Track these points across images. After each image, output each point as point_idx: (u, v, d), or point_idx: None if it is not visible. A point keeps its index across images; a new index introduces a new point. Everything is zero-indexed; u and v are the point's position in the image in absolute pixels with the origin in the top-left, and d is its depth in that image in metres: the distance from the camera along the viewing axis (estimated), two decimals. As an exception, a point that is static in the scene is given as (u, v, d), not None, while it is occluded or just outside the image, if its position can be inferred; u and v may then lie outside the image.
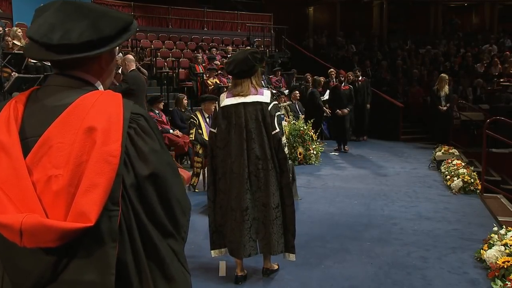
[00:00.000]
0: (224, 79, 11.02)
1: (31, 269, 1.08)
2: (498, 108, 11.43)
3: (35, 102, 1.19)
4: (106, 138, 1.09)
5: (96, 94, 1.17)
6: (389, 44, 17.66)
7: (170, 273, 1.21)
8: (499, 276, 3.48)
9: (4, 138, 1.11)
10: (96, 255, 1.09)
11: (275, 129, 3.35)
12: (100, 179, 1.06)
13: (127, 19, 1.24)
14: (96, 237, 1.08)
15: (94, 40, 1.15)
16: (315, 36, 18.59)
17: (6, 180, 1.08)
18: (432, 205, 5.77)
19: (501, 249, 3.72)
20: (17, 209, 1.06)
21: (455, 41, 17.45)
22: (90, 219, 1.04)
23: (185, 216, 1.27)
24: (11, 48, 7.96)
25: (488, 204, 5.74)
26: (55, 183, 1.07)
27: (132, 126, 1.16)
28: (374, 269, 3.84)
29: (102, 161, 1.07)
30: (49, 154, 1.09)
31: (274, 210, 3.36)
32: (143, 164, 1.16)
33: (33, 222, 1.02)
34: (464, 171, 6.62)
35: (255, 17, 17.06)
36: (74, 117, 1.11)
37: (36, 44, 1.16)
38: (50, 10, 1.18)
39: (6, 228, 1.03)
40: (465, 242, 4.44)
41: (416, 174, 7.66)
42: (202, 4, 16.87)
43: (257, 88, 3.39)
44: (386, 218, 5.22)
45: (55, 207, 1.07)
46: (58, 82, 1.21)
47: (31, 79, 7.03)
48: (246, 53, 3.36)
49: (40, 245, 1.05)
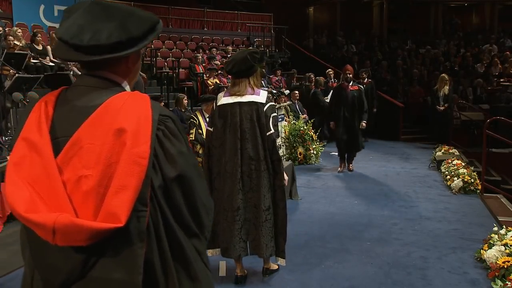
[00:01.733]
0: (224, 79, 11.01)
1: (61, 266, 1.11)
2: (498, 108, 11.44)
3: (65, 103, 1.21)
4: (136, 140, 1.11)
5: (125, 95, 1.19)
6: (389, 44, 17.66)
7: (194, 273, 1.24)
8: (499, 276, 3.48)
9: (35, 138, 1.14)
10: (124, 254, 1.11)
11: (270, 130, 3.33)
12: (130, 181, 1.08)
13: (153, 19, 1.25)
14: (124, 237, 1.10)
15: (123, 40, 1.16)
16: (315, 36, 18.58)
17: (38, 179, 1.10)
18: (432, 205, 5.77)
19: (501, 249, 3.72)
20: (48, 207, 1.08)
21: (455, 41, 17.45)
22: (120, 219, 1.07)
23: (208, 217, 1.29)
24: (13, 48, 7.96)
25: (488, 204, 5.74)
26: (85, 183, 1.10)
27: (161, 128, 1.17)
28: (374, 269, 3.84)
29: (132, 163, 1.09)
30: (80, 154, 1.12)
31: (264, 212, 3.34)
32: (171, 166, 1.18)
33: (65, 222, 1.05)
34: (464, 171, 6.62)
35: (255, 17, 17.06)
36: (104, 118, 1.13)
37: (65, 44, 1.17)
38: (79, 11, 1.19)
39: (39, 226, 1.06)
40: (465, 242, 4.44)
41: (416, 174, 7.66)
42: (202, 4, 16.87)
43: (254, 88, 3.37)
44: (386, 218, 5.22)
45: (84, 206, 1.09)
46: (86, 82, 1.22)
47: (31, 79, 7.03)
48: (246, 53, 3.35)
49: (71, 243, 1.08)
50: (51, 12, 12.77)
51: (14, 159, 1.14)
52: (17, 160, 1.14)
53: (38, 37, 9.35)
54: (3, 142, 5.02)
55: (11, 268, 3.69)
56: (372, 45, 17.30)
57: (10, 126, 6.60)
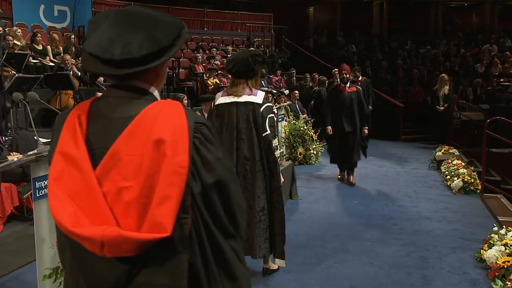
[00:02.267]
0: (224, 79, 11.01)
1: (107, 276, 1.14)
2: (498, 108, 11.43)
3: (99, 114, 1.21)
4: (175, 149, 1.12)
5: (158, 104, 1.20)
6: (389, 44, 17.66)
7: (234, 272, 1.26)
8: (499, 276, 3.48)
9: (72, 151, 1.15)
10: (169, 261, 1.13)
11: (266, 131, 3.32)
12: (172, 190, 1.10)
13: (179, 24, 1.25)
14: (169, 245, 1.12)
15: (154, 52, 1.16)
16: (315, 36, 18.59)
17: (78, 192, 1.12)
18: (432, 205, 5.77)
19: (501, 249, 3.72)
20: (90, 220, 1.10)
21: (455, 41, 17.44)
22: (166, 229, 1.09)
23: (242, 217, 1.32)
24: (12, 48, 7.96)
25: (488, 204, 5.74)
26: (126, 195, 1.11)
27: (197, 136, 1.19)
28: (374, 269, 3.84)
29: (173, 173, 1.10)
30: (119, 166, 1.13)
31: (258, 213, 3.33)
32: (209, 172, 1.20)
33: (113, 235, 1.07)
34: (464, 171, 6.62)
35: (255, 17, 17.06)
36: (141, 129, 1.14)
37: (94, 58, 1.17)
38: (106, 23, 1.19)
39: (88, 240, 1.08)
40: (465, 242, 4.44)
41: (416, 174, 7.66)
42: (202, 4, 16.87)
43: (252, 89, 3.37)
44: (386, 218, 5.22)
45: (126, 217, 1.11)
46: (117, 93, 1.23)
47: (31, 79, 7.03)
48: (247, 55, 3.34)
49: (120, 254, 1.10)
50: (51, 12, 12.77)
51: (53, 174, 1.15)
52: (56, 175, 1.14)
53: (38, 37, 9.35)
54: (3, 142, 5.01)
55: (11, 268, 3.69)
56: (372, 45, 17.29)
57: (10, 126, 6.60)
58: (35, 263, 2.72)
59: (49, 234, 2.72)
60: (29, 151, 2.63)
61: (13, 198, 4.59)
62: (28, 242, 3.85)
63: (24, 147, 4.85)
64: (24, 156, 2.61)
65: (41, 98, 3.40)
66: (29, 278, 3.41)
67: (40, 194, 2.67)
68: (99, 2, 14.69)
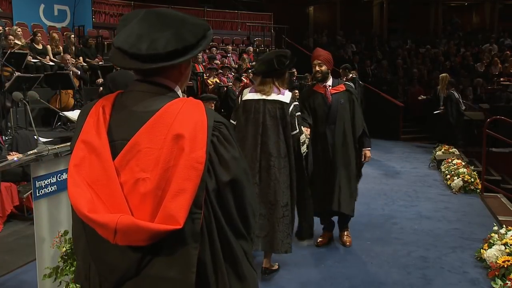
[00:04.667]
0: (224, 79, 11.01)
1: (118, 264, 1.18)
2: (498, 108, 11.42)
3: (122, 107, 1.26)
4: (193, 145, 1.16)
5: (180, 101, 1.24)
6: (389, 44, 17.65)
7: (242, 272, 1.29)
8: (499, 275, 3.48)
9: (94, 141, 1.20)
10: (178, 254, 1.17)
11: (296, 129, 3.41)
12: (187, 185, 1.14)
13: (205, 26, 1.30)
14: (179, 238, 1.16)
15: (179, 49, 1.21)
16: (315, 36, 18.57)
17: (97, 180, 1.17)
18: (432, 205, 5.77)
19: (501, 249, 3.72)
20: (106, 208, 1.15)
21: (455, 41, 17.43)
22: (179, 222, 1.12)
23: (254, 218, 1.35)
24: (12, 47, 7.96)
25: (488, 204, 5.74)
26: (142, 186, 1.15)
27: (215, 134, 1.22)
28: (375, 269, 3.84)
29: (190, 168, 1.14)
30: (137, 157, 1.17)
31: (282, 208, 3.38)
32: (224, 170, 1.23)
33: (127, 223, 1.11)
34: (464, 171, 6.62)
35: (255, 16, 17.06)
36: (162, 123, 1.18)
37: (121, 53, 1.22)
38: (135, 21, 1.24)
39: (102, 226, 1.12)
40: (465, 242, 4.44)
41: (416, 173, 7.66)
42: (203, 4, 16.86)
43: (280, 89, 3.44)
44: (386, 218, 5.22)
45: (141, 208, 1.15)
46: (142, 88, 1.28)
47: (31, 78, 7.03)
48: (273, 56, 3.41)
49: (131, 243, 1.14)
50: (51, 11, 12.76)
51: (75, 161, 1.20)
52: (77, 162, 1.19)
53: (38, 37, 9.35)
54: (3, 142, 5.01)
55: (11, 267, 3.69)
56: (372, 44, 17.28)
57: (10, 126, 6.60)
58: (35, 263, 2.71)
59: (49, 234, 2.72)
60: (29, 151, 2.62)
61: (13, 198, 4.59)
62: (28, 242, 3.86)
63: (24, 147, 4.85)
64: (24, 156, 2.60)
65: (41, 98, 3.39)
66: (29, 278, 3.41)
67: (40, 193, 2.67)
68: (99, 2, 14.69)
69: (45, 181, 2.69)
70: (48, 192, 2.71)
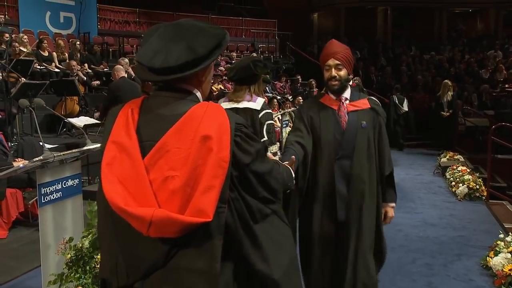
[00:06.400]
0: (229, 85, 11.03)
1: (147, 255, 1.27)
2: (503, 114, 11.36)
3: (149, 110, 1.36)
4: (219, 145, 1.26)
5: (203, 105, 1.35)
6: (394, 50, 17.66)
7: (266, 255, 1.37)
8: (506, 283, 3.46)
9: (125, 141, 1.30)
10: (205, 246, 1.26)
11: (263, 137, 3.29)
12: (215, 182, 1.24)
13: (219, 35, 1.38)
14: (206, 231, 1.25)
15: (190, 61, 1.30)
16: (319, 42, 18.59)
17: (128, 177, 1.26)
18: (437, 212, 5.74)
19: (507, 256, 3.70)
20: (137, 203, 1.23)
21: (459, 47, 17.44)
22: (208, 215, 1.22)
23: (277, 182, 1.47)
24: (18, 54, 8.03)
25: (493, 211, 5.70)
26: (171, 183, 1.24)
27: (238, 134, 1.33)
28: (380, 276, 3.80)
29: (217, 166, 1.25)
30: (166, 157, 1.26)
31: None
32: (245, 155, 1.35)
33: (162, 216, 1.20)
34: (469, 178, 6.59)
35: (260, 23, 17.15)
36: (189, 126, 1.29)
37: (141, 66, 1.35)
38: (154, 36, 1.36)
39: (137, 218, 1.21)
40: (471, 249, 4.41)
41: (421, 180, 7.63)
42: (207, 10, 16.97)
43: (252, 96, 3.34)
44: (390, 225, 5.14)
45: (169, 203, 1.23)
46: (167, 93, 1.38)
47: (37, 85, 7.08)
48: (249, 61, 3.33)
49: (163, 235, 1.23)
50: (57, 18, 12.88)
51: (106, 160, 1.29)
52: (109, 161, 1.29)
53: (44, 44, 9.43)
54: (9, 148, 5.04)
55: (16, 273, 3.70)
56: (376, 51, 17.30)
57: (16, 132, 6.64)
58: (40, 269, 2.72)
59: (54, 240, 2.73)
60: (35, 157, 2.64)
61: (19, 204, 4.61)
62: (33, 248, 3.87)
63: (29, 153, 4.87)
64: (29, 162, 2.62)
65: (46, 104, 3.41)
66: (34, 284, 3.42)
67: (46, 200, 2.68)
68: (104, 9, 14.82)
69: (51, 187, 2.71)
70: (53, 199, 2.73)
